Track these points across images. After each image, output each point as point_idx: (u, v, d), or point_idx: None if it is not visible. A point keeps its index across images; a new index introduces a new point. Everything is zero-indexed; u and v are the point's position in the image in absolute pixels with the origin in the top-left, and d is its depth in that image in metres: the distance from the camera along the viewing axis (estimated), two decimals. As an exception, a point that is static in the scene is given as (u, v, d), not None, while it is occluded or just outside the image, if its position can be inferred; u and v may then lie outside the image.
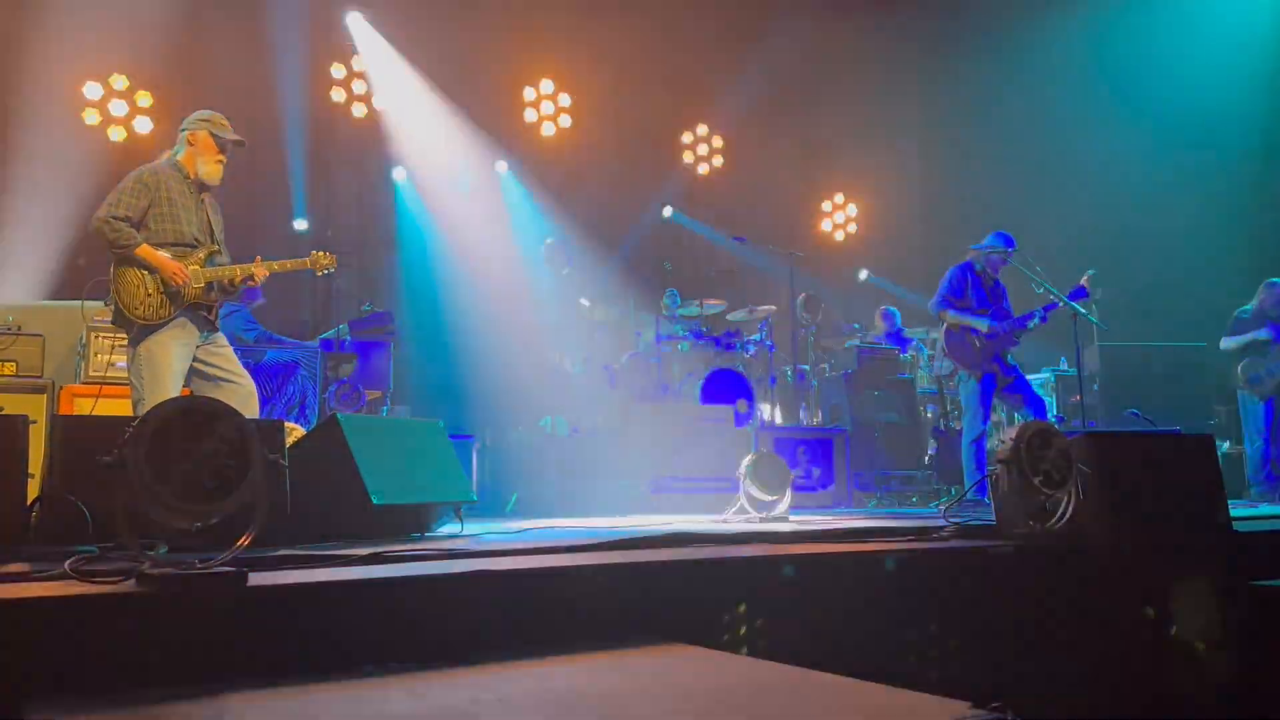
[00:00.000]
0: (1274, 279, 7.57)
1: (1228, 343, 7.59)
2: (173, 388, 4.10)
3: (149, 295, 4.15)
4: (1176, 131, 9.61)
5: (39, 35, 8.39)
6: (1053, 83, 10.57)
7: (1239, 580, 3.17)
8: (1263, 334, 7.34)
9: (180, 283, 4.16)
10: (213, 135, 4.40)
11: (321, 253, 4.71)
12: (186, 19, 8.83)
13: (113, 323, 4.34)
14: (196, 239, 4.33)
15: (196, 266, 4.26)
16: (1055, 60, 10.53)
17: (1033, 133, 10.68)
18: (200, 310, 4.29)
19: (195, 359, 4.28)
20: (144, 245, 4.16)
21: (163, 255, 4.18)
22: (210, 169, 4.40)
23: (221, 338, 4.42)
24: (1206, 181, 9.47)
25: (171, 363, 4.14)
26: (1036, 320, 6.26)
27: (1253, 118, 9.53)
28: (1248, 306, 7.61)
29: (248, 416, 4.05)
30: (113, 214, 4.14)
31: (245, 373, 4.40)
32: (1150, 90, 9.88)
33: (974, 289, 6.39)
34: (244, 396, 4.30)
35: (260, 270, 4.44)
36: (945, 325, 6.38)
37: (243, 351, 4.82)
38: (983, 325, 6.18)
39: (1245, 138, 9.49)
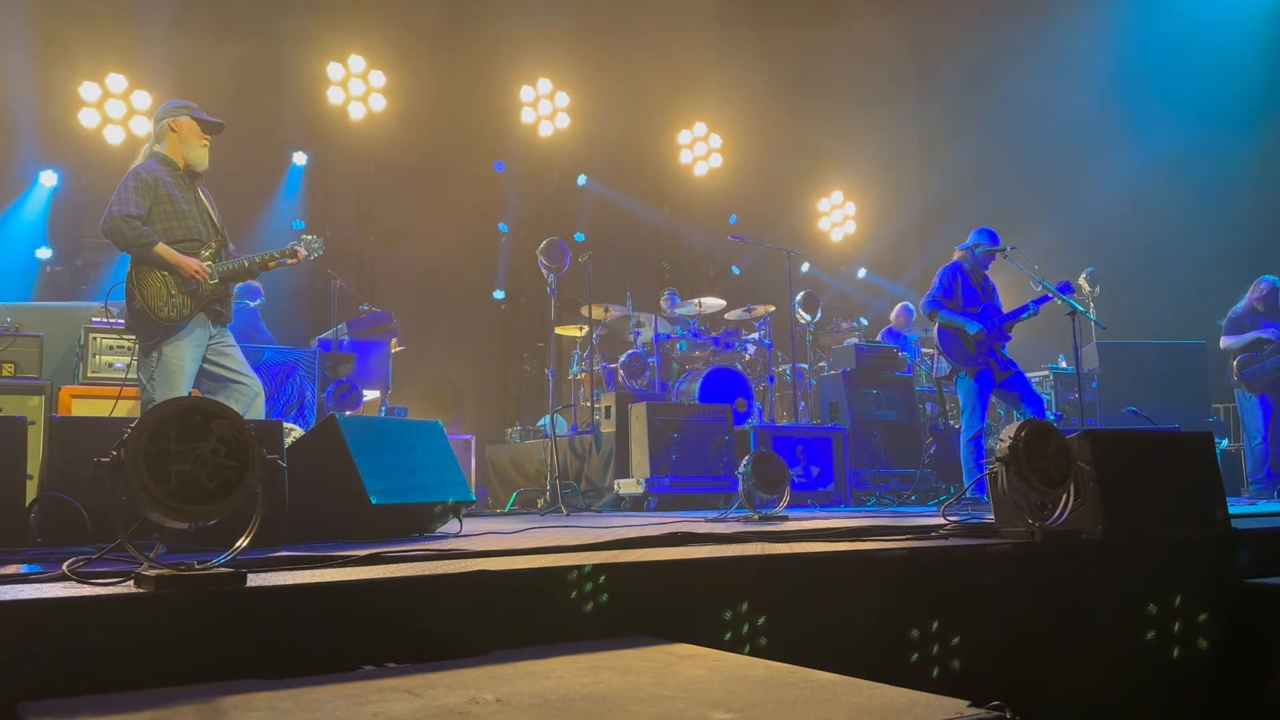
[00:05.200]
0: (1265, 276, 7.62)
1: (1228, 342, 7.63)
2: (184, 390, 4.07)
3: (173, 295, 4.11)
4: (1175, 130, 9.62)
5: (35, 35, 8.38)
6: (1052, 83, 10.58)
7: (1237, 578, 3.18)
8: (1265, 333, 7.37)
9: (203, 279, 4.15)
10: (194, 119, 4.35)
11: (310, 235, 4.65)
12: (184, 18, 8.83)
13: (131, 327, 4.28)
14: (203, 233, 4.29)
15: (209, 261, 4.24)
16: (1055, 61, 10.54)
17: (1031, 132, 10.69)
18: (215, 305, 4.27)
19: (204, 358, 4.26)
20: (161, 244, 4.11)
21: (181, 255, 4.14)
22: (197, 154, 4.34)
23: (229, 335, 4.40)
24: (1205, 180, 9.49)
25: (185, 365, 4.12)
26: (1029, 314, 6.28)
27: (1251, 116, 9.54)
28: (1239, 304, 7.67)
29: (255, 417, 4.08)
30: (125, 212, 4.06)
31: (253, 373, 4.38)
32: (1149, 90, 9.90)
33: (964, 288, 6.40)
34: (251, 397, 4.28)
35: (301, 249, 4.47)
36: (937, 325, 6.40)
37: (241, 349, 4.80)
38: (971, 329, 6.19)
39: (1243, 137, 9.50)
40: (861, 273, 12.89)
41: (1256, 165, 9.49)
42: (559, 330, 8.38)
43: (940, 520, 3.36)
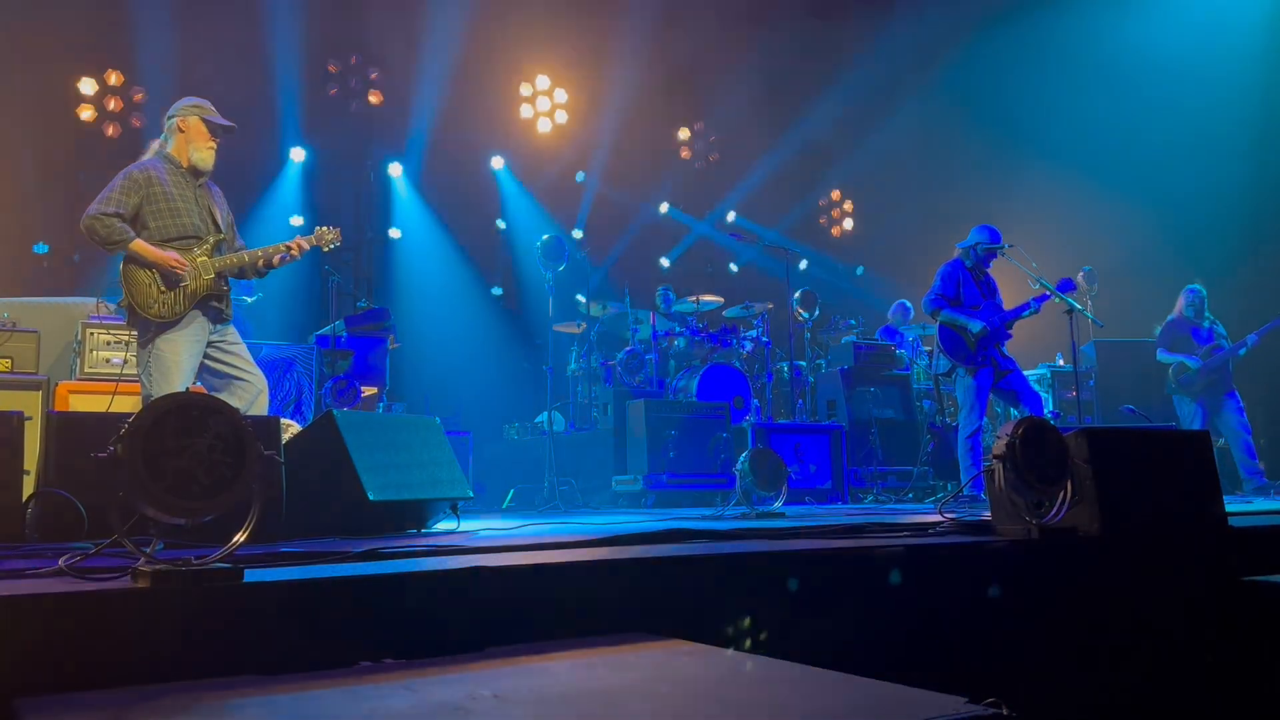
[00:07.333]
0: (1191, 285, 8.01)
1: (1162, 356, 7.94)
2: (181, 385, 4.07)
3: (162, 293, 4.10)
4: (1174, 130, 9.62)
5: (33, 30, 8.36)
6: (1051, 81, 10.58)
7: (1233, 575, 3.18)
8: (1192, 361, 7.80)
9: (182, 273, 4.12)
10: (204, 121, 4.35)
11: (325, 228, 4.64)
12: (182, 14, 8.81)
13: (126, 324, 4.29)
14: (200, 230, 4.27)
15: (204, 258, 4.21)
16: (1054, 58, 10.54)
17: (1030, 130, 10.68)
18: (212, 301, 4.26)
19: (206, 354, 4.25)
20: (138, 241, 4.09)
21: (159, 250, 4.10)
22: (203, 155, 4.33)
23: (233, 331, 4.38)
24: (1203, 179, 9.49)
25: (181, 360, 4.11)
26: (1030, 312, 6.29)
27: (1249, 115, 9.54)
28: (1172, 313, 7.99)
29: (259, 414, 4.07)
30: (102, 210, 4.07)
31: (257, 369, 4.38)
32: (1149, 89, 9.89)
33: (965, 285, 6.40)
34: (255, 394, 4.28)
35: (300, 243, 4.44)
36: (939, 323, 6.39)
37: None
38: (974, 327, 6.18)
39: (1242, 135, 9.50)
40: (860, 270, 12.88)
41: (1254, 164, 9.49)
42: (557, 327, 8.38)
43: (937, 518, 3.36)
